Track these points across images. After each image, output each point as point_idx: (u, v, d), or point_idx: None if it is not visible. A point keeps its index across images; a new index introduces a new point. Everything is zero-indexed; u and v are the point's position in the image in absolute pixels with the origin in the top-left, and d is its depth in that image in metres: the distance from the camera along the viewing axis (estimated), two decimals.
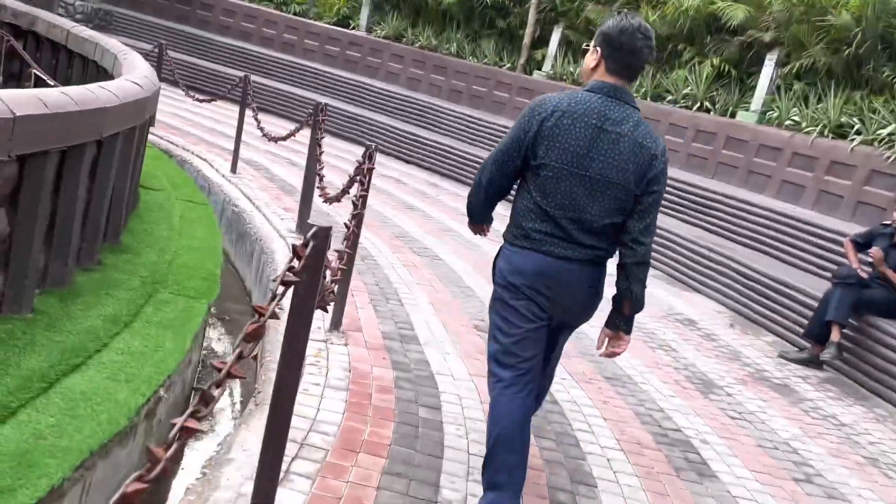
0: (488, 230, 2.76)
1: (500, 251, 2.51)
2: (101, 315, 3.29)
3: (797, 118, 8.31)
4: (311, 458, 2.71)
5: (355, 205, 3.62)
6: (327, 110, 5.65)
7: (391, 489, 2.63)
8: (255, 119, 6.73)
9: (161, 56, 8.71)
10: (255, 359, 3.66)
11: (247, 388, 3.92)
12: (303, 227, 5.84)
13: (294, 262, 1.75)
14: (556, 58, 11.71)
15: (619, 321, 2.53)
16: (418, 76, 12.91)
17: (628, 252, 2.40)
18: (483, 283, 5.66)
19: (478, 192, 2.56)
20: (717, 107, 9.47)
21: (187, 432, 1.24)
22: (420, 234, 6.87)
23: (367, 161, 3.85)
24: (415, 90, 12.82)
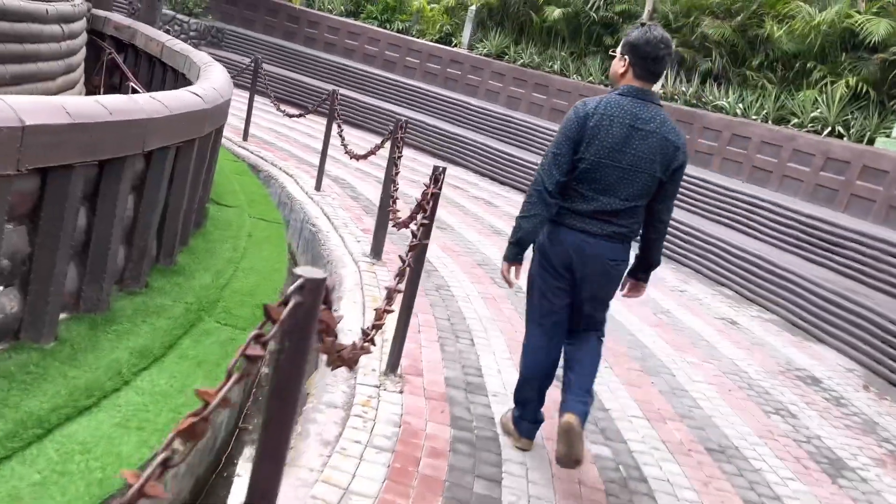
0: (519, 272, 2.96)
1: (546, 230, 2.93)
2: (130, 346, 2.98)
3: None
4: None
5: (414, 234, 3.16)
6: (407, 127, 5.24)
7: None
8: (340, 136, 6.45)
9: (256, 70, 8.68)
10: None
11: None
12: (377, 251, 5.46)
13: (266, 326, 1.30)
14: (667, 76, 10.92)
15: (640, 275, 3.08)
16: (518, 95, 12.43)
17: (652, 228, 2.94)
18: None
19: (541, 199, 2.82)
20: (852, 132, 8.43)
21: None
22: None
23: (434, 185, 3.38)
24: (514, 109, 12.35)
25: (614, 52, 2.98)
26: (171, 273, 3.83)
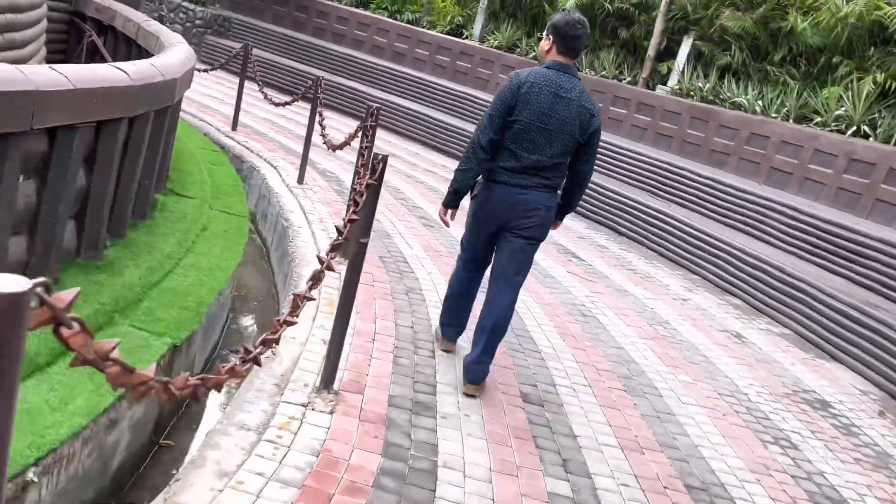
0: (454, 216, 3.58)
1: (480, 186, 3.45)
2: None
3: None
4: None
5: (339, 231, 2.72)
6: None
7: None
8: (320, 125, 6.04)
9: (246, 57, 8.31)
10: None
11: None
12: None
13: None
14: (683, 71, 10.36)
15: (559, 215, 3.57)
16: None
17: (573, 181, 3.46)
18: (562, 346, 4.61)
19: (475, 154, 3.32)
20: (879, 132, 7.83)
21: None
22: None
23: (371, 175, 2.94)
24: None
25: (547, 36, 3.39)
26: (93, 269, 3.45)
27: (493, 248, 3.53)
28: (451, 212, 3.54)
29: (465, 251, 3.67)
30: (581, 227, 8.37)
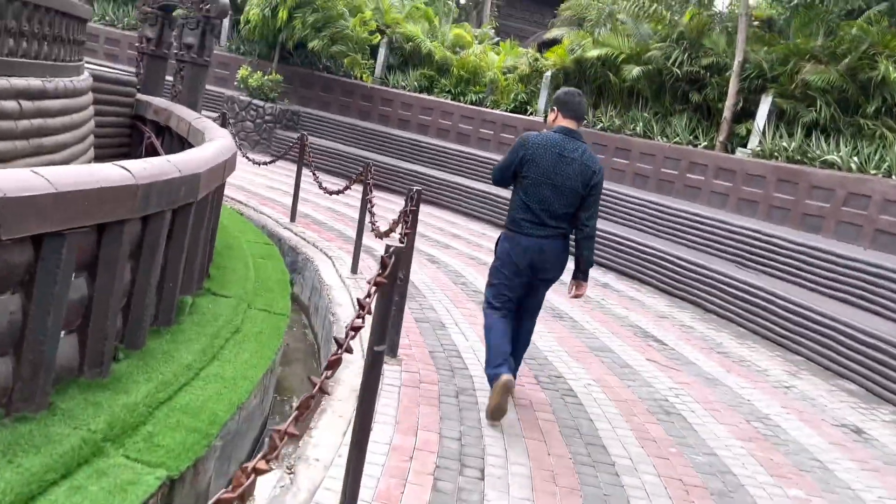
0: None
1: (502, 235, 4.06)
2: None
3: None
4: None
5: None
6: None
7: None
8: (370, 211, 5.72)
9: (302, 147, 8.23)
10: None
11: None
12: (394, 347, 4.57)
13: None
14: (764, 131, 9.65)
15: (579, 274, 4.05)
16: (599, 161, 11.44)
17: (579, 231, 3.94)
18: (640, 455, 3.94)
19: (495, 181, 4.10)
20: None
21: None
22: (553, 350, 5.28)
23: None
24: None
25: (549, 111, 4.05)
26: (96, 388, 3.10)
27: (521, 299, 4.01)
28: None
29: (492, 298, 4.01)
30: (662, 304, 7.64)
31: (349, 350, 2.24)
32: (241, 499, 1.66)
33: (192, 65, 7.64)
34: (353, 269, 6.60)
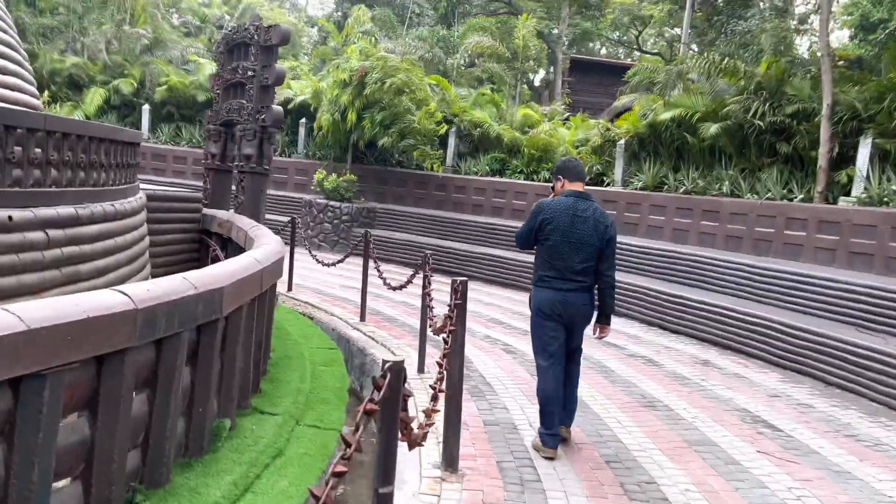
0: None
1: (532, 292, 4.41)
2: None
3: None
4: None
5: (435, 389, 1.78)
6: (465, 290, 4.00)
7: None
8: (429, 306, 5.31)
9: (367, 244, 8.03)
10: None
11: None
12: (450, 459, 4.04)
13: None
14: (868, 176, 8.73)
15: (602, 318, 4.46)
16: (684, 226, 10.72)
17: (601, 281, 4.35)
18: None
19: (520, 245, 4.50)
20: None
21: None
22: (645, 448, 4.58)
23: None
24: (682, 243, 10.61)
25: (553, 180, 4.51)
26: None
27: (566, 341, 4.35)
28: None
29: (541, 355, 4.35)
30: (773, 380, 6.74)
31: (335, 487, 1.78)
32: None
33: (251, 174, 7.70)
34: (420, 369, 6.17)
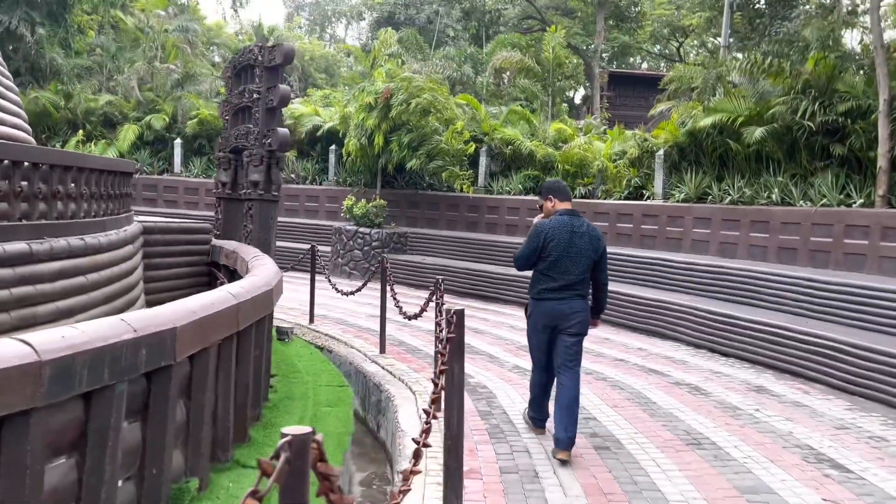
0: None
1: (530, 303, 4.86)
2: None
3: None
4: None
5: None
6: (461, 319, 3.46)
7: None
8: (444, 337, 4.78)
9: (384, 272, 7.54)
10: None
11: None
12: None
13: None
14: None
15: (595, 314, 4.93)
16: (732, 239, 9.94)
17: (597, 288, 4.85)
18: None
19: (516, 264, 4.88)
20: None
21: None
22: (688, 498, 3.90)
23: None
24: (730, 257, 9.82)
25: (541, 201, 4.96)
26: None
27: (551, 351, 4.76)
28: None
29: (533, 356, 4.93)
30: (839, 408, 5.94)
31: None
32: None
33: (259, 201, 7.31)
34: (438, 407, 5.59)
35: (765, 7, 16.37)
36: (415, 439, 2.93)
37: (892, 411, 5.87)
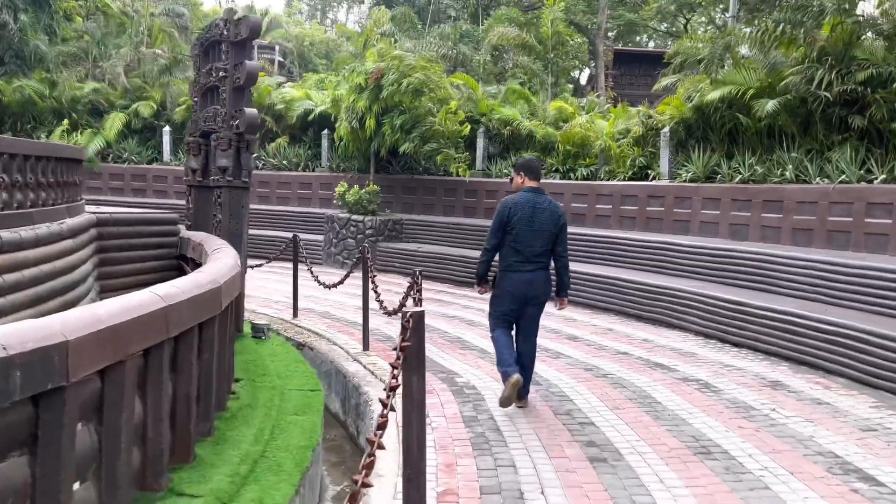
0: (486, 289, 5.42)
1: (498, 274, 5.25)
2: None
3: None
4: None
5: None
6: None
7: None
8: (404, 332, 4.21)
9: (364, 261, 6.97)
10: None
11: None
12: None
13: None
14: None
15: (562, 292, 5.37)
16: (742, 220, 9.31)
17: (558, 261, 5.26)
18: None
19: (487, 256, 5.27)
20: None
21: None
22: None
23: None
24: (741, 240, 9.21)
25: (514, 175, 5.40)
26: None
27: (518, 322, 5.29)
28: (483, 287, 5.43)
29: (496, 320, 5.31)
30: (863, 406, 5.36)
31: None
32: None
33: (229, 189, 6.74)
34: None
35: None
36: (354, 478, 2.38)
37: None
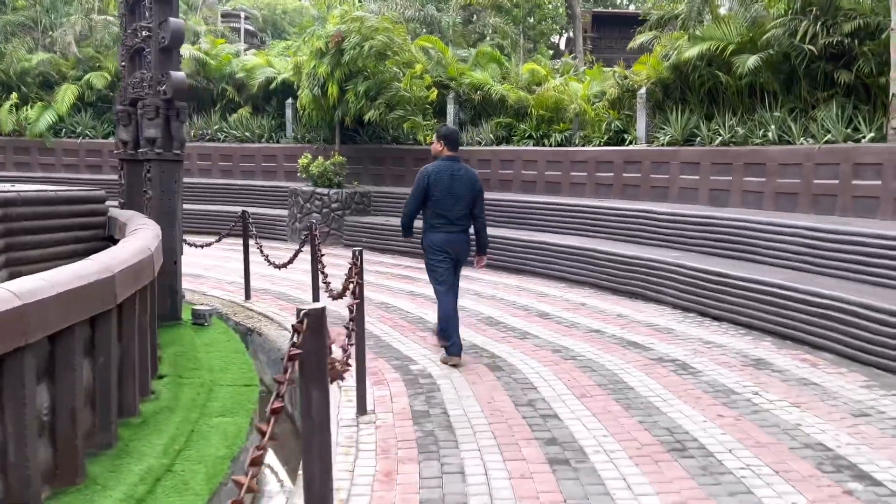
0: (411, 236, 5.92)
1: (424, 235, 5.65)
2: None
3: None
4: None
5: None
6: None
7: None
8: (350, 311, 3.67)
9: (313, 239, 6.40)
10: None
11: None
12: None
13: None
14: None
15: (481, 250, 5.85)
16: (724, 185, 8.80)
17: (477, 222, 5.69)
18: None
19: (409, 217, 5.71)
20: None
21: None
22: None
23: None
24: (721, 206, 8.71)
25: (435, 141, 5.70)
26: None
27: (454, 276, 5.72)
28: (408, 238, 6.02)
29: (438, 283, 5.62)
30: (854, 385, 4.90)
31: None
32: None
33: (158, 162, 6.11)
34: (361, 409, 4.53)
35: None
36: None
37: None
